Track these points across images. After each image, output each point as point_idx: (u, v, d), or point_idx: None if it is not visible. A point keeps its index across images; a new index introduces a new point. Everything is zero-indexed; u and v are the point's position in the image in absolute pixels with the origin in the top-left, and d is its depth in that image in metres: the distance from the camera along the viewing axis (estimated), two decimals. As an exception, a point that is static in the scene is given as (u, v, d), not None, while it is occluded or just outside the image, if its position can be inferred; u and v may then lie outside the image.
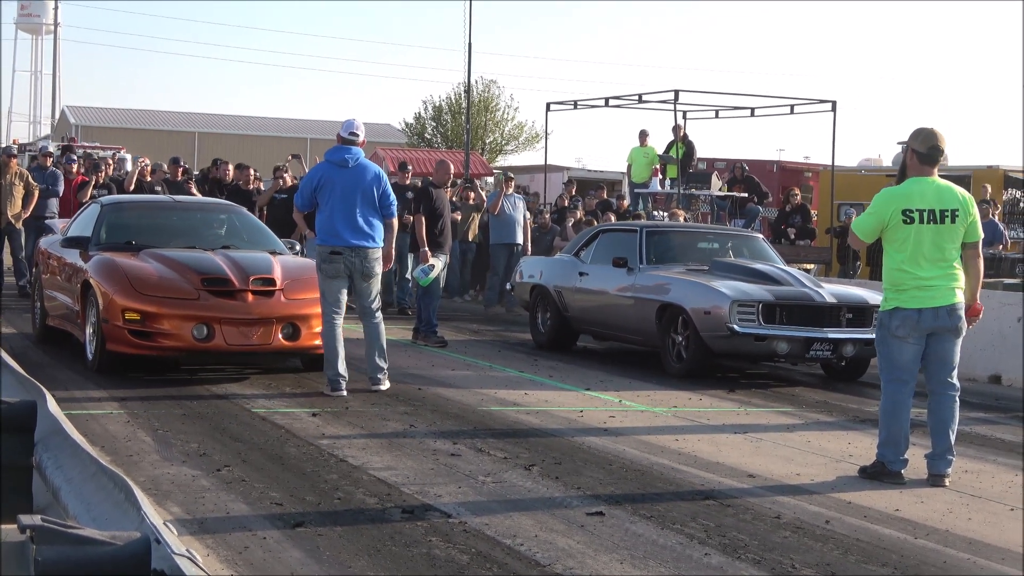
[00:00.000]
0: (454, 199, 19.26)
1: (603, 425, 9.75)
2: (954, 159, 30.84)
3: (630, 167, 24.72)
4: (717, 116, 24.06)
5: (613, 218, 19.87)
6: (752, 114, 23.47)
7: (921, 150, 8.08)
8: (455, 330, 16.18)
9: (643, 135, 24.29)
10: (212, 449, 8.18)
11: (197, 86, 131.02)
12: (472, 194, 21.19)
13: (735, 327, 12.06)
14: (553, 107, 24.12)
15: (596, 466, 8.17)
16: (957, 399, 8.21)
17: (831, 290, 12.67)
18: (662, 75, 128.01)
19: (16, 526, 3.36)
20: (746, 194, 22.97)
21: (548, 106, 24.14)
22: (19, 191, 17.78)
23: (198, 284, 10.94)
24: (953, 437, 8.14)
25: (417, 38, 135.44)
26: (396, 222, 11.21)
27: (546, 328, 15.09)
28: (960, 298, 8.07)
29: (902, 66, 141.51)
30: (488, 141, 63.45)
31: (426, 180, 15.64)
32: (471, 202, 20.85)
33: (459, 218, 19.85)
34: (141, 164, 20.51)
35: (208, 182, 19.47)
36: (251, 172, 18.94)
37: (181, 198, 15.13)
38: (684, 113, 23.25)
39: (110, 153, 31.34)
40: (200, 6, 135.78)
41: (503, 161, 61.35)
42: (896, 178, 8.35)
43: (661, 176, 23.68)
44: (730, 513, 7.05)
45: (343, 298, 10.80)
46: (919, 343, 8.08)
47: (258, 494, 7.02)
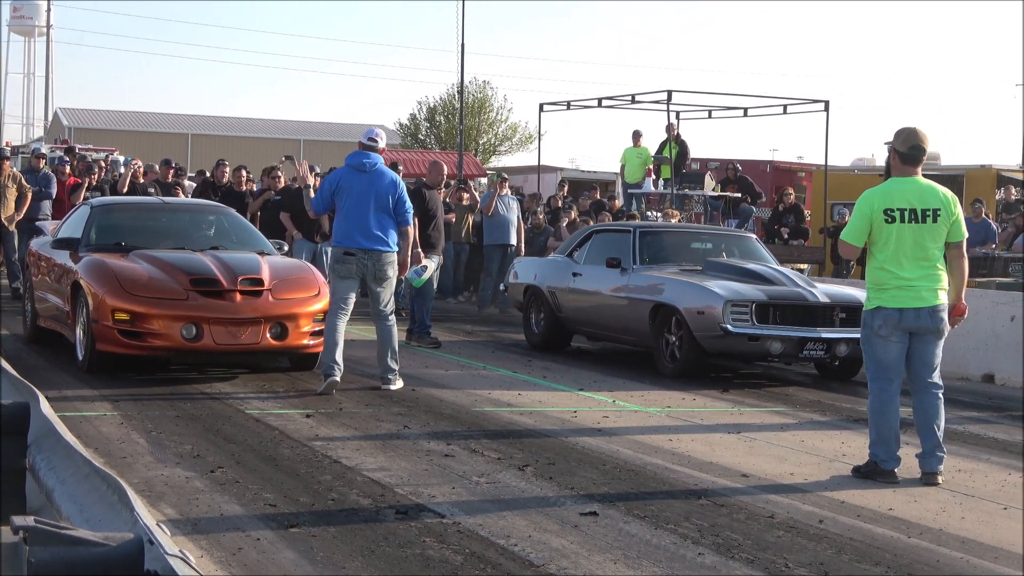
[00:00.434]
0: (447, 200, 19.26)
1: (597, 425, 9.75)
2: (947, 158, 30.93)
3: (623, 167, 24.75)
4: (710, 116, 24.06)
5: (610, 218, 19.89)
6: (745, 114, 23.48)
7: (902, 150, 8.10)
8: (449, 331, 16.18)
9: (636, 135, 24.32)
10: (206, 450, 8.18)
11: (190, 88, 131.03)
12: (466, 195, 21.19)
13: (729, 327, 12.07)
14: (546, 108, 24.13)
15: (590, 466, 8.17)
16: (940, 396, 8.21)
17: (824, 290, 12.68)
18: (655, 75, 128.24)
19: (9, 527, 3.36)
20: (739, 194, 22.98)
21: (541, 107, 24.16)
22: (12, 193, 17.78)
23: (187, 284, 11.03)
24: (940, 434, 8.14)
25: (411, 39, 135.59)
26: (411, 229, 11.45)
27: (540, 329, 15.09)
28: (943, 299, 8.07)
29: (895, 66, 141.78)
30: (482, 142, 63.51)
31: (419, 181, 15.64)
32: (464, 203, 20.86)
33: (453, 219, 19.85)
34: (134, 166, 20.53)
35: (206, 184, 19.47)
36: (243, 174, 18.92)
37: (171, 200, 15.18)
38: (677, 113, 23.26)
39: (103, 155, 31.30)
40: (193, 8, 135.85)
41: (496, 162, 61.43)
42: (883, 179, 8.38)
43: (655, 176, 23.70)
44: (724, 513, 7.05)
45: (351, 299, 11.05)
46: (902, 341, 8.10)
47: (252, 495, 7.02)
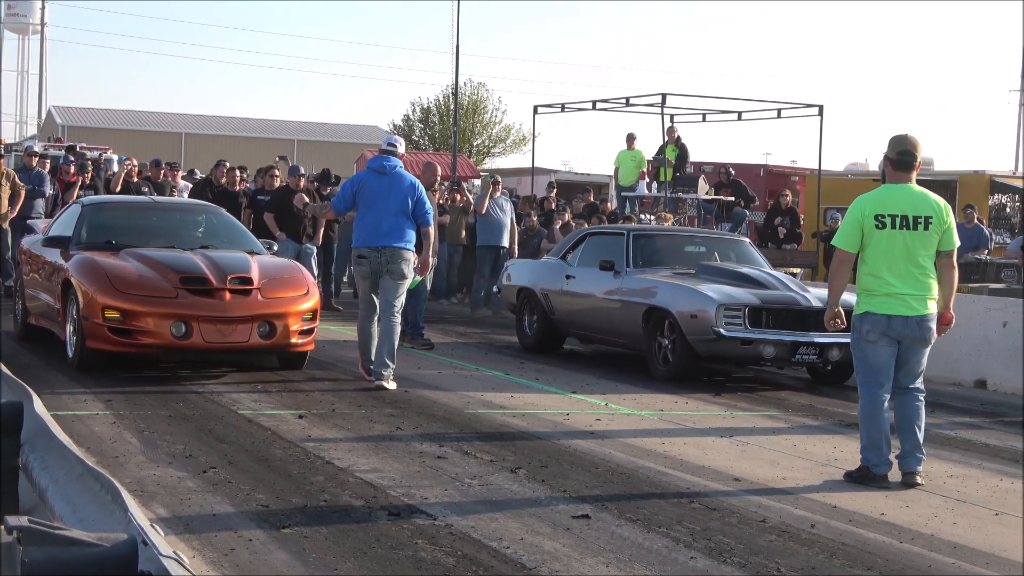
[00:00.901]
0: (441, 201, 19.26)
1: (589, 428, 9.76)
2: (940, 164, 30.96)
3: (617, 170, 24.77)
4: (704, 120, 24.10)
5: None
6: (739, 118, 23.53)
7: (892, 156, 8.15)
8: (441, 332, 16.18)
9: (630, 138, 24.35)
10: (198, 451, 8.17)
11: (184, 87, 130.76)
12: (459, 196, 21.20)
13: (721, 331, 12.08)
14: (540, 110, 24.15)
15: (582, 469, 8.17)
16: (921, 399, 8.24)
17: (817, 294, 12.68)
18: (650, 78, 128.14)
19: (3, 528, 3.36)
20: (733, 198, 23.01)
21: (535, 109, 24.18)
22: (5, 191, 17.75)
23: (177, 283, 11.07)
24: (921, 435, 8.17)
25: (405, 40, 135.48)
26: (432, 230, 11.81)
27: (532, 331, 15.10)
28: (931, 309, 8.08)
29: (889, 71, 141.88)
30: (476, 144, 63.54)
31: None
32: (458, 204, 20.86)
33: (447, 221, 19.86)
34: (128, 166, 20.51)
35: (205, 183, 19.47)
36: (237, 174, 18.92)
37: (161, 199, 15.22)
38: (671, 116, 23.28)
39: (97, 154, 31.25)
40: (187, 7, 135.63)
41: (490, 163, 61.45)
42: (878, 184, 8.41)
43: (649, 180, 23.71)
44: (716, 516, 7.06)
45: (375, 298, 11.47)
46: (891, 346, 8.12)
47: (244, 496, 7.02)
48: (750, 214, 24.21)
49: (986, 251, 21.14)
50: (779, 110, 22.57)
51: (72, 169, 19.90)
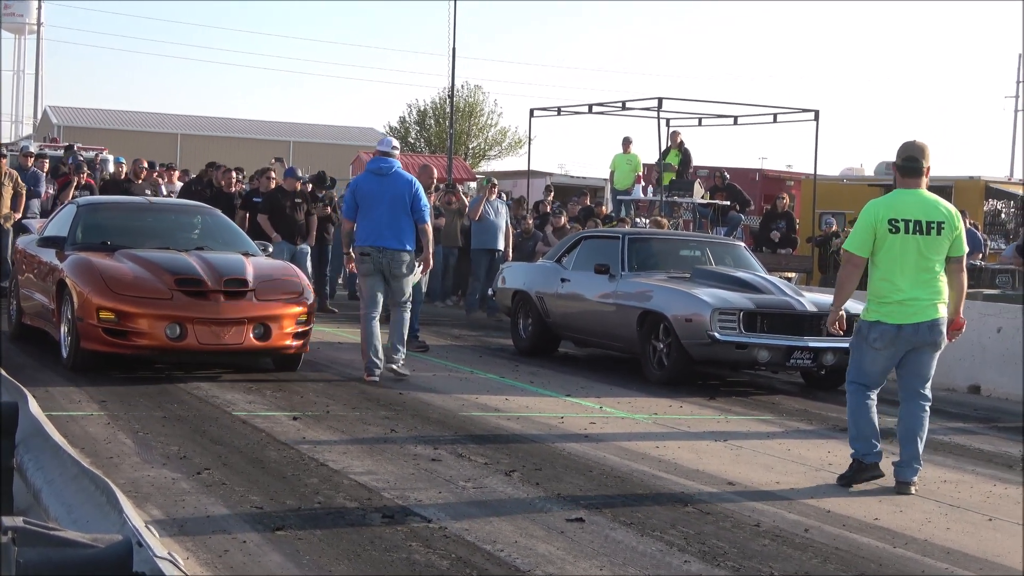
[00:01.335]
0: (437, 204, 19.27)
1: (584, 431, 9.76)
2: (936, 169, 30.94)
3: (613, 174, 24.78)
4: (700, 124, 24.11)
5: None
6: (735, 122, 23.53)
7: (899, 163, 8.22)
8: (436, 335, 16.18)
9: (626, 142, 24.36)
10: (192, 452, 8.17)
11: (180, 88, 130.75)
12: (455, 198, 21.20)
13: (716, 335, 12.09)
14: (537, 113, 24.16)
15: (576, 472, 8.18)
16: (927, 409, 8.24)
17: (812, 299, 12.70)
18: (646, 82, 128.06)
19: (-2, 528, 3.36)
20: (728, 202, 23.03)
21: (532, 112, 24.19)
22: (8, 191, 17.71)
23: (171, 284, 11.09)
24: (921, 446, 8.18)
25: (402, 42, 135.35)
26: (429, 227, 12.25)
27: (527, 334, 15.10)
28: (942, 313, 8.09)
29: (885, 76, 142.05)
30: (471, 146, 63.58)
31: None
32: (454, 207, 20.86)
33: (442, 223, 19.85)
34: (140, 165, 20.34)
35: (200, 183, 19.45)
36: (233, 175, 18.91)
37: (156, 200, 15.21)
38: (667, 120, 23.29)
39: (93, 154, 31.23)
40: (184, 7, 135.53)
41: (486, 166, 61.51)
42: (883, 191, 8.45)
43: (652, 184, 23.72)
44: (709, 520, 7.07)
45: (379, 296, 11.95)
46: (893, 359, 8.14)
47: (238, 497, 7.02)
48: (745, 218, 24.21)
49: (980, 255, 21.15)
50: (775, 114, 22.58)
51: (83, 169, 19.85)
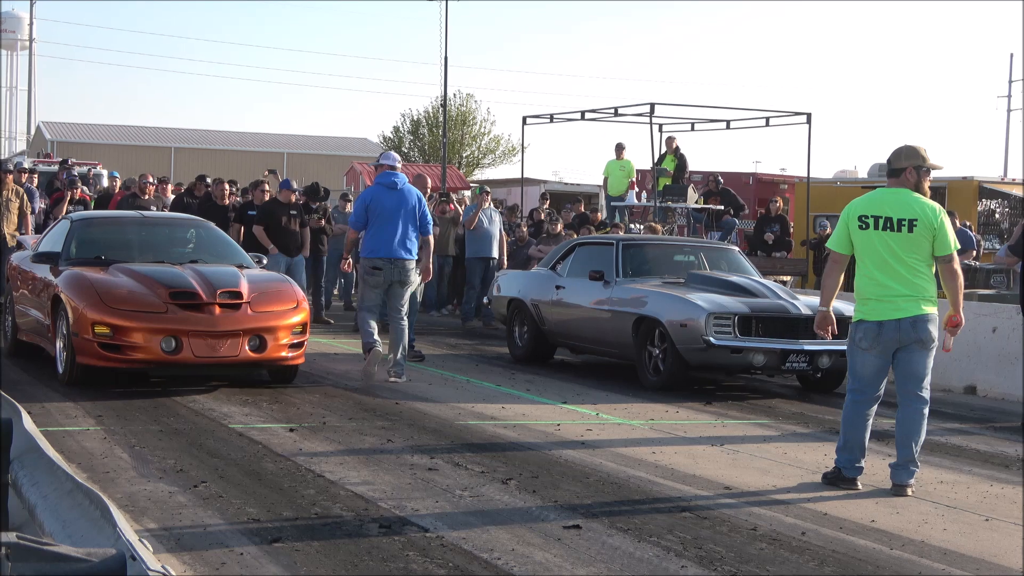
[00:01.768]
0: (431, 213, 19.26)
1: (580, 438, 9.76)
2: (930, 170, 30.98)
3: (606, 180, 24.80)
4: (693, 129, 24.15)
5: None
6: (728, 127, 23.56)
7: (887, 164, 8.38)
8: (432, 344, 16.18)
9: (619, 148, 24.38)
10: (189, 465, 8.17)
11: (173, 102, 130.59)
12: (449, 207, 21.21)
13: (711, 339, 12.09)
14: (529, 120, 24.16)
15: (573, 479, 8.18)
16: (925, 412, 8.23)
17: (806, 302, 12.70)
18: (638, 88, 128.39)
19: (-8, 543, 3.36)
20: (722, 206, 23.04)
21: (524, 119, 24.19)
22: (15, 207, 17.67)
23: (166, 298, 11.08)
24: (917, 449, 8.18)
25: (394, 52, 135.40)
26: (432, 239, 12.91)
27: (523, 342, 15.11)
28: (926, 310, 8.07)
29: (877, 78, 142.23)
30: (465, 155, 63.62)
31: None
32: (447, 216, 20.87)
33: (436, 232, 19.83)
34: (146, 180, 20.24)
35: (191, 196, 19.43)
36: (226, 187, 18.90)
37: (150, 214, 15.20)
38: (660, 126, 23.31)
39: (86, 169, 31.25)
40: (176, 22, 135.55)
41: (480, 174, 61.51)
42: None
43: (647, 190, 23.73)
44: (706, 525, 7.07)
45: (379, 307, 12.54)
46: (882, 358, 8.15)
47: (235, 510, 7.01)
48: (739, 222, 24.23)
49: (973, 254, 21.14)
50: (767, 118, 22.62)
51: (79, 183, 19.84)
